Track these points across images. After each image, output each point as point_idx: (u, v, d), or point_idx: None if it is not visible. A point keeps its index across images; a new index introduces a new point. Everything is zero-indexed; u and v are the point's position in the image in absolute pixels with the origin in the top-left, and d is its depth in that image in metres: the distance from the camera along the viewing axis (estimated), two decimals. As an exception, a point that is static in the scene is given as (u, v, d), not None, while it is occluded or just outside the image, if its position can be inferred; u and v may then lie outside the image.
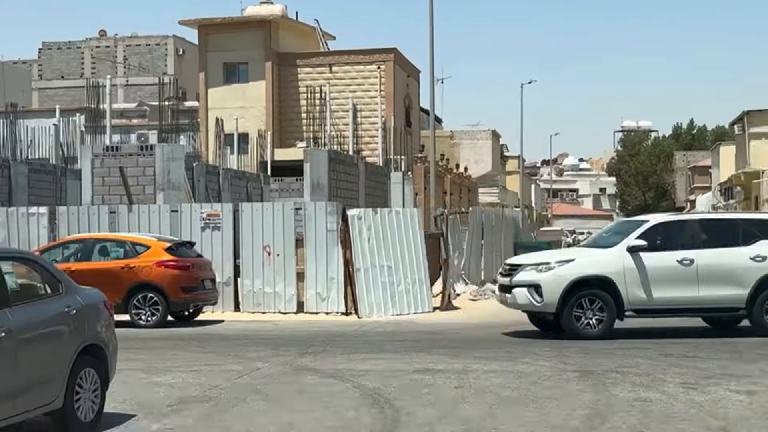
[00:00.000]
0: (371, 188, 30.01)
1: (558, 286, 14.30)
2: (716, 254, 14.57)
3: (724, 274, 14.45)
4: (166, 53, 75.29)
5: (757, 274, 14.44)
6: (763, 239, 14.70)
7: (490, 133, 58.25)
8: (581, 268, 14.50)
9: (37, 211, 19.40)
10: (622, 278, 14.32)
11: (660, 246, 14.56)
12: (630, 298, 14.36)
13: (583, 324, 14.28)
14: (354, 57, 42.51)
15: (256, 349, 13.47)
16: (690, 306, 14.60)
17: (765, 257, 14.54)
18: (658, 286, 14.35)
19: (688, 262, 14.41)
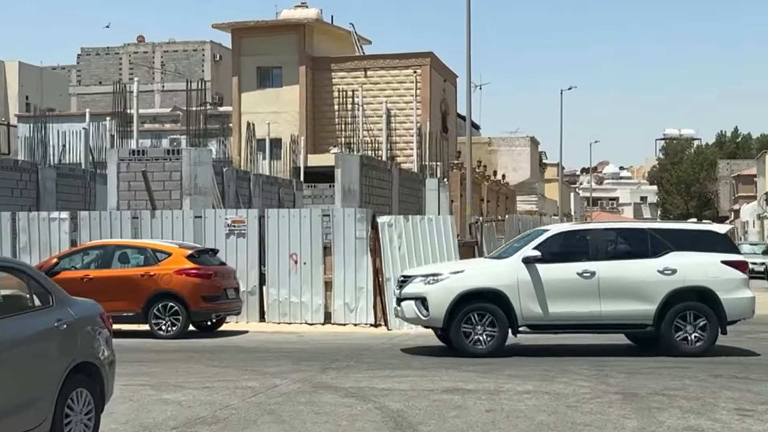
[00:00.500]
0: (405, 195, 29.27)
1: (445, 299, 13.31)
2: (620, 266, 13.47)
3: (629, 287, 13.34)
4: (203, 59, 75.39)
5: (665, 289, 13.33)
6: (674, 251, 13.55)
7: (529, 139, 57.23)
8: (470, 280, 13.48)
9: (58, 216, 18.87)
10: (515, 291, 13.30)
11: (559, 257, 13.51)
12: (524, 312, 13.32)
13: (473, 340, 13.32)
14: (389, 61, 41.79)
15: (276, 364, 12.73)
16: (590, 322, 13.49)
17: (675, 270, 13.40)
18: (555, 300, 13.31)
19: (588, 274, 13.31)
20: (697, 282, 13.43)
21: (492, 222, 24.85)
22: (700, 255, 13.54)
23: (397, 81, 41.49)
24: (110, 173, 22.41)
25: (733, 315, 13.58)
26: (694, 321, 13.40)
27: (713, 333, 13.40)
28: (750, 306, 13.70)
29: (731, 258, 13.67)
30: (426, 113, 40.81)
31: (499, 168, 53.50)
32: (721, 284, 13.41)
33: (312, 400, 9.96)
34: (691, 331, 13.39)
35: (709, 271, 13.44)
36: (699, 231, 14.19)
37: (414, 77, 41.08)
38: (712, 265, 13.48)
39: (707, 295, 13.43)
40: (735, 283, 13.53)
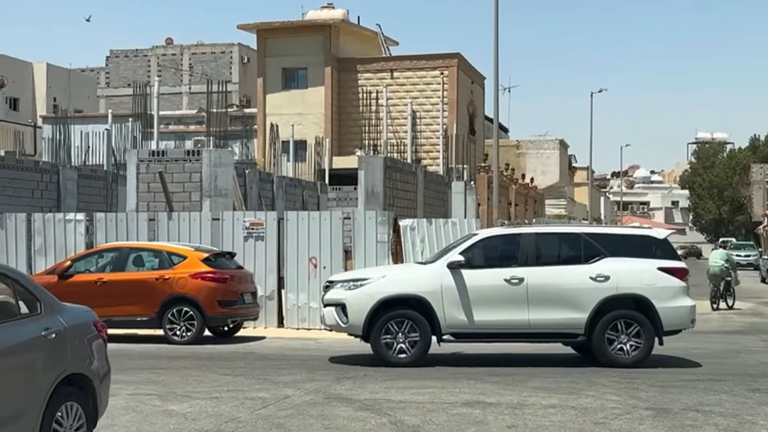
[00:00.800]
0: (430, 198, 28.72)
1: (364, 305, 12.71)
2: (551, 273, 12.78)
3: (559, 295, 12.65)
4: (231, 61, 75.37)
5: (597, 296, 12.62)
6: (608, 256, 12.83)
7: (558, 142, 56.43)
8: (392, 286, 12.85)
9: (74, 218, 18.51)
10: (438, 298, 12.65)
11: (487, 263, 12.93)
12: (448, 320, 12.69)
13: (393, 349, 12.70)
14: (416, 62, 41.24)
15: (291, 372, 12.23)
16: (518, 331, 12.82)
17: (608, 277, 12.67)
18: (481, 308, 12.66)
19: (516, 281, 12.68)
20: (630, 289, 12.70)
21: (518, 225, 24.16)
22: (635, 261, 12.83)
23: (423, 82, 40.94)
24: (129, 174, 22.06)
25: (670, 325, 12.83)
26: (628, 330, 12.70)
27: (648, 343, 12.71)
28: (688, 315, 12.91)
29: (668, 264, 12.90)
30: (453, 115, 40.20)
31: (527, 171, 52.77)
32: (657, 292, 12.68)
33: (324, 413, 9.44)
34: (624, 340, 12.69)
35: (644, 278, 12.72)
36: (636, 236, 13.37)
37: (441, 79, 40.49)
38: (648, 271, 12.75)
39: (642, 303, 12.70)
40: (672, 291, 12.79)
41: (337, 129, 41.05)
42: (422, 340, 12.72)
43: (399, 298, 12.75)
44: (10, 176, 24.15)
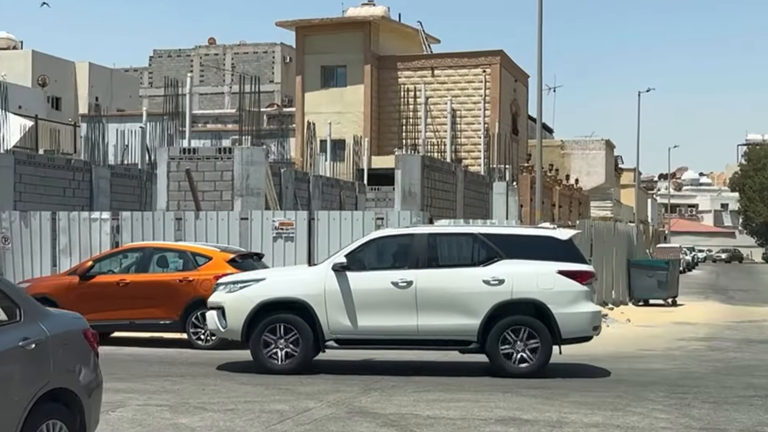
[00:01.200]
0: (470, 199, 27.87)
1: (243, 309, 12.00)
2: (441, 275, 11.94)
3: (450, 299, 11.80)
4: (274, 61, 75.14)
5: (491, 301, 11.77)
6: (505, 259, 11.97)
7: (604, 143, 55.08)
8: (273, 289, 12.13)
9: (99, 217, 17.98)
10: (321, 302, 11.89)
11: (376, 265, 12.18)
12: (331, 325, 11.93)
13: (272, 355, 12.00)
14: (458, 60, 40.34)
15: (314, 381, 11.49)
16: (406, 337, 11.97)
17: (502, 280, 11.81)
18: (366, 312, 11.85)
19: (405, 284, 11.84)
20: (526, 294, 11.83)
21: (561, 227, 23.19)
22: (534, 264, 11.95)
23: (465, 80, 40.04)
24: (160, 173, 21.56)
25: (569, 332, 11.92)
26: (524, 338, 11.85)
27: (545, 352, 11.86)
28: (589, 322, 12.03)
29: (569, 267, 11.96)
30: (495, 114, 39.26)
31: (572, 172, 51.57)
32: (555, 297, 11.79)
33: (344, 429, 8.68)
34: (520, 348, 11.84)
35: (541, 282, 11.83)
36: (535, 237, 12.46)
37: (483, 76, 39.57)
38: (546, 275, 11.86)
39: (539, 308, 11.83)
40: (571, 296, 11.88)
41: (377, 128, 40.31)
42: (303, 346, 11.98)
43: (280, 301, 12.06)
44: (41, 174, 23.73)
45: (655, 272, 26.16)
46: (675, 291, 26.97)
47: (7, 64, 55.39)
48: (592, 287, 12.27)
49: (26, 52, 57.93)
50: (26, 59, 56.53)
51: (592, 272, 12.36)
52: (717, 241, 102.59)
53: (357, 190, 33.36)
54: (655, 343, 17.05)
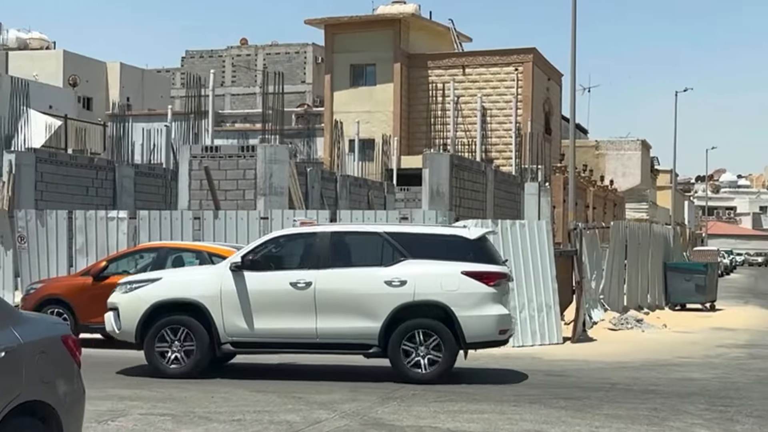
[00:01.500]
0: (501, 199, 27.15)
1: (136, 310, 11.52)
2: (342, 276, 11.38)
3: (350, 301, 11.25)
4: (305, 61, 74.87)
5: (392, 303, 11.18)
6: (409, 259, 11.35)
7: (640, 143, 53.97)
8: (166, 290, 11.62)
9: (116, 216, 17.51)
10: (217, 303, 11.38)
11: (275, 264, 11.62)
12: (227, 327, 11.40)
13: (169, 359, 11.44)
14: (489, 58, 39.57)
15: (331, 389, 10.86)
16: (305, 340, 11.43)
17: (404, 281, 11.19)
18: (263, 314, 11.34)
19: (303, 285, 11.32)
20: (429, 296, 11.24)
21: (594, 229, 22.43)
22: (439, 264, 11.37)
23: (497, 79, 39.26)
24: (182, 171, 21.16)
25: (474, 336, 11.32)
26: (427, 342, 11.25)
27: (448, 357, 11.27)
28: (495, 325, 11.40)
29: (475, 268, 11.33)
30: (527, 113, 38.45)
31: (606, 173, 50.60)
32: (459, 299, 11.20)
33: (356, 443, 8.05)
34: (423, 353, 11.26)
35: (444, 284, 11.24)
36: (442, 236, 11.89)
37: (515, 75, 38.75)
38: (450, 276, 11.26)
39: (442, 311, 11.24)
40: (476, 298, 11.26)
41: (406, 127, 39.64)
42: (198, 349, 11.45)
43: (174, 302, 11.58)
44: (62, 173, 23.44)
45: (693, 276, 25.28)
46: (713, 295, 26.08)
47: (39, 64, 55.53)
48: (503, 289, 11.60)
49: (58, 53, 58.03)
50: (57, 59, 56.63)
51: (502, 273, 11.63)
52: (755, 245, 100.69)
53: (386, 190, 32.80)
54: (693, 350, 16.23)
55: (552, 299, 16.51)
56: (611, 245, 22.16)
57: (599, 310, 20.17)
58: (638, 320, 20.28)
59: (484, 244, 11.81)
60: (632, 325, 19.77)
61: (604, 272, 21.29)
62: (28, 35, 61.44)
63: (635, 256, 23.54)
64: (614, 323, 19.66)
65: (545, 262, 16.59)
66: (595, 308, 19.79)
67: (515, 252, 16.40)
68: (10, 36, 60.02)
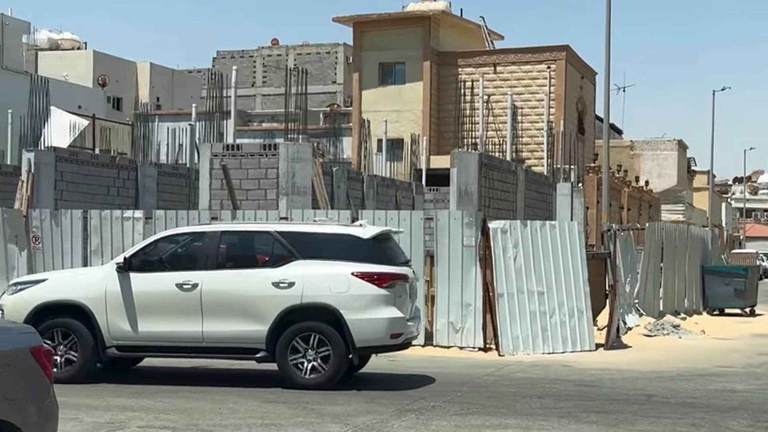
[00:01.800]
0: (532, 200, 26.30)
1: (20, 312, 11.06)
2: (229, 277, 11.01)
3: (236, 303, 10.83)
4: (336, 61, 74.60)
5: (279, 305, 10.75)
6: (299, 259, 10.94)
7: (676, 143, 52.82)
8: (50, 291, 11.29)
9: (132, 216, 16.99)
10: (102, 305, 11.03)
11: (162, 265, 11.24)
12: (112, 331, 11.04)
13: (56, 363, 10.89)
14: (521, 55, 38.71)
15: (346, 400, 10.22)
16: (191, 344, 11.01)
17: (292, 283, 10.77)
18: (148, 317, 10.97)
19: (189, 286, 10.92)
20: (317, 298, 10.81)
21: (629, 230, 21.60)
22: (328, 265, 10.95)
23: (529, 77, 38.43)
24: (202, 170, 20.55)
25: (363, 340, 10.81)
26: (315, 346, 10.80)
27: (336, 362, 10.81)
28: (386, 329, 10.87)
29: (366, 269, 10.84)
30: (560, 112, 37.57)
31: (641, 173, 49.55)
32: (348, 301, 10.75)
33: (366, 463, 7.39)
34: (311, 358, 10.80)
35: (333, 285, 10.81)
36: (334, 235, 11.38)
37: (548, 73, 37.89)
38: (340, 277, 10.82)
39: (330, 314, 10.78)
40: (366, 300, 10.78)
41: (436, 127, 38.91)
42: (82, 353, 11.06)
43: (58, 304, 11.20)
44: (83, 172, 22.94)
45: (732, 279, 24.38)
46: (754, 300, 25.15)
47: (69, 64, 55.51)
48: (398, 290, 11.04)
49: (88, 53, 58.00)
50: (87, 60, 56.58)
51: (397, 274, 11.08)
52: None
53: (414, 190, 32.06)
54: (734, 359, 15.39)
55: (584, 304, 15.78)
56: (647, 247, 21.33)
57: (634, 315, 19.36)
58: (675, 326, 19.47)
59: (381, 244, 11.33)
60: (668, 331, 18.98)
61: (639, 275, 20.48)
62: (60, 36, 61.49)
63: (672, 258, 22.68)
64: (650, 329, 18.87)
65: (577, 265, 15.87)
66: (629, 313, 19.00)
67: (545, 254, 15.69)
68: (42, 36, 60.07)
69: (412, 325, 11.40)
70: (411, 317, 11.46)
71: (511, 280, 15.37)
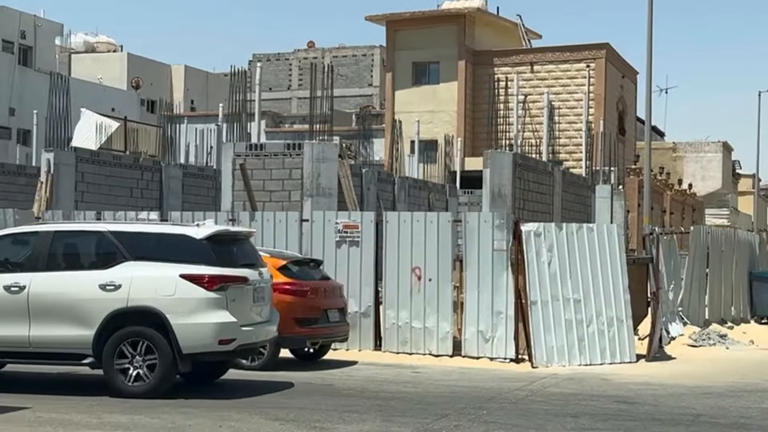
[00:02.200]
0: (570, 202, 25.26)
1: None
2: (58, 279, 10.47)
3: (64, 306, 10.32)
4: (372, 64, 73.93)
5: (105, 309, 10.23)
6: (130, 260, 10.41)
7: (720, 145, 51.28)
8: None
9: (147, 217, 16.29)
10: None
11: None
12: None
13: None
14: (559, 54, 37.61)
15: (361, 418, 9.33)
16: (18, 349, 10.48)
17: (119, 285, 10.25)
18: None
19: (17, 289, 10.42)
20: (143, 301, 10.25)
21: (672, 234, 20.49)
22: (158, 267, 10.41)
23: (567, 76, 37.31)
24: (224, 170, 19.92)
25: (189, 346, 10.18)
26: (142, 352, 10.22)
27: (162, 369, 10.17)
28: (213, 334, 10.22)
29: (194, 271, 10.28)
30: (599, 112, 36.41)
31: (685, 176, 48.10)
32: (174, 305, 10.19)
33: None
34: (138, 364, 10.22)
35: (160, 288, 10.26)
36: (168, 235, 10.84)
37: (586, 72, 36.73)
38: (167, 279, 10.28)
39: (157, 318, 10.21)
40: (193, 304, 10.23)
41: (471, 127, 37.91)
42: None
43: None
44: (105, 173, 22.41)
45: (782, 286, 23.16)
46: (805, 308, 23.86)
47: (104, 66, 55.37)
48: (232, 294, 10.37)
49: (122, 55, 57.85)
50: (122, 62, 56.42)
51: (228, 276, 10.39)
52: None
53: (448, 193, 31.18)
54: (787, 372, 14.27)
55: (624, 312, 14.77)
56: (691, 252, 20.19)
57: (677, 324, 18.26)
58: (721, 335, 18.35)
59: (218, 245, 10.67)
60: (715, 341, 17.86)
61: (683, 282, 19.36)
62: (96, 39, 61.43)
63: (717, 264, 21.50)
64: (694, 339, 17.77)
65: (616, 271, 14.86)
66: (672, 322, 17.91)
67: (581, 259, 14.70)
68: (78, 40, 60.01)
69: (253, 330, 10.73)
70: (257, 322, 10.85)
71: (545, 286, 14.41)
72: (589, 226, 15.67)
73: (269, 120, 43.39)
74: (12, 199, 24.16)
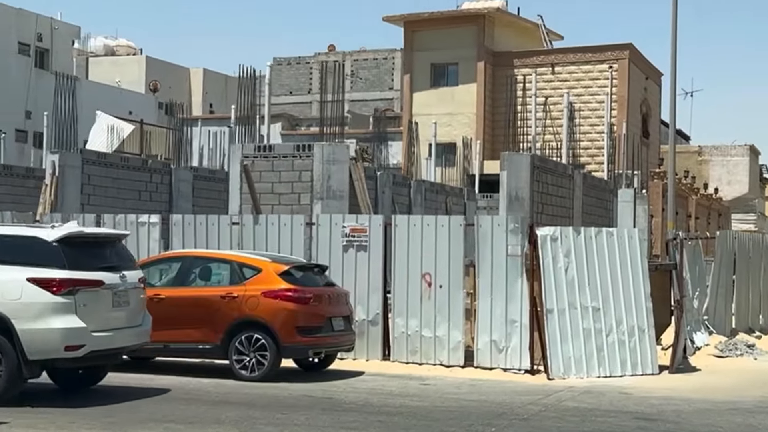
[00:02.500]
0: (591, 206, 24.51)
1: None
2: None
3: None
4: (393, 67, 73.35)
5: None
6: None
7: (747, 148, 50.19)
8: None
9: (148, 221, 15.70)
10: None
11: None
12: None
13: None
14: (581, 55, 36.77)
15: (361, 436, 8.67)
16: None
17: None
18: None
19: None
20: None
21: (697, 239, 19.68)
22: (6, 270, 10.08)
23: (589, 77, 36.48)
24: (232, 172, 19.37)
25: (35, 352, 9.86)
26: None
27: (8, 375, 9.81)
28: (59, 340, 9.86)
29: (40, 275, 9.94)
30: (622, 114, 35.55)
31: (710, 181, 47.09)
32: (20, 310, 9.89)
33: None
34: None
35: (6, 292, 9.96)
36: (16, 237, 10.49)
37: (609, 73, 35.91)
38: (14, 283, 9.96)
39: (2, 323, 9.86)
40: (38, 309, 9.90)
41: (490, 130, 37.15)
42: None
43: None
44: (113, 175, 21.90)
45: (813, 294, 22.22)
46: (836, 316, 22.92)
47: (122, 70, 55.13)
48: (82, 298, 10.00)
49: (140, 58, 57.59)
50: (140, 65, 56.17)
51: (79, 280, 10.03)
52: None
53: (466, 197, 30.46)
54: (820, 387, 13.44)
55: (646, 321, 14.03)
56: (717, 258, 19.36)
57: (703, 333, 17.44)
58: (749, 345, 17.51)
59: (73, 248, 10.25)
60: (742, 351, 17.03)
61: (709, 289, 18.54)
62: (115, 42, 61.25)
63: (745, 270, 20.63)
64: (721, 349, 16.95)
65: (638, 277, 14.12)
66: (697, 331, 17.09)
67: (601, 265, 13.97)
68: (98, 43, 59.86)
69: (110, 336, 10.28)
70: (117, 327, 10.39)
71: (562, 293, 13.68)
72: (609, 230, 14.94)
73: (285, 123, 42.86)
74: (19, 202, 23.77)
